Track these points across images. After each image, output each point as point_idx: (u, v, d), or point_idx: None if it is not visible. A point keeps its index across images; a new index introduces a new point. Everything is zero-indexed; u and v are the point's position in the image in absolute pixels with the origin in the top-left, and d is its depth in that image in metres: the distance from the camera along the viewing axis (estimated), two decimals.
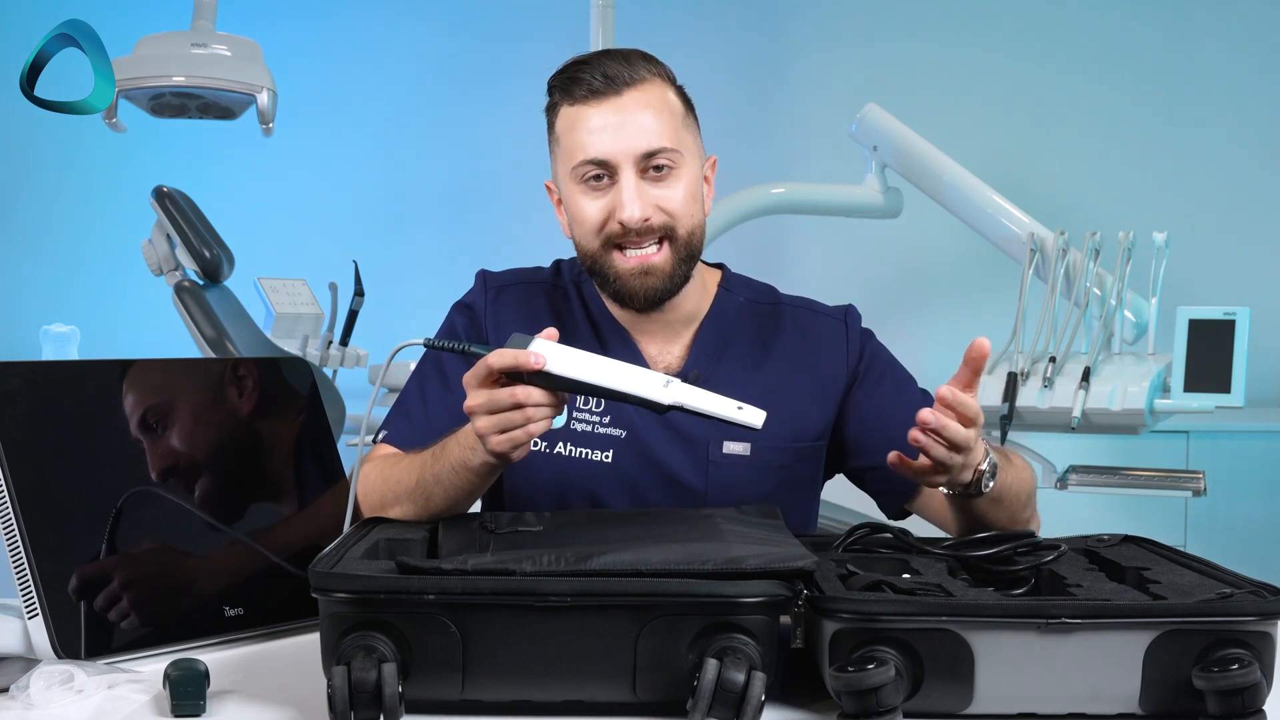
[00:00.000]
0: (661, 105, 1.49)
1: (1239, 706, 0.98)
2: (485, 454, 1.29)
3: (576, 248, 1.54)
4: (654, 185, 1.47)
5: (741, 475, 1.52)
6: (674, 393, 1.22)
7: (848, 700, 0.99)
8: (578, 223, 1.51)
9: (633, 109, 1.47)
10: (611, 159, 1.46)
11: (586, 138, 1.47)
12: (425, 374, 1.59)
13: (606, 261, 1.50)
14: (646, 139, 1.46)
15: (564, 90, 1.50)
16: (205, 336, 3.17)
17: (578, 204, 1.50)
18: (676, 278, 1.50)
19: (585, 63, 1.49)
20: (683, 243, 1.49)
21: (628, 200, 1.45)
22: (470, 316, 1.60)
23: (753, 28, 4.59)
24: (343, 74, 4.82)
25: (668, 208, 1.47)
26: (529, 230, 4.53)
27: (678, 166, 1.48)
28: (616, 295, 1.52)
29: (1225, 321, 2.56)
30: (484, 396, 1.24)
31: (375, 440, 1.57)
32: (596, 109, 1.47)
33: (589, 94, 1.47)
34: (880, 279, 4.47)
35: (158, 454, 1.29)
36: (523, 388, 1.22)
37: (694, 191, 1.50)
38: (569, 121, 1.49)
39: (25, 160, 4.80)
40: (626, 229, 1.46)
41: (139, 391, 1.30)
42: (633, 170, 1.46)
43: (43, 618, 1.15)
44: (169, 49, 3.12)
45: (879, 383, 1.59)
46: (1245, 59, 4.21)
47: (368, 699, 0.96)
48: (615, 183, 1.47)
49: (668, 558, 1.06)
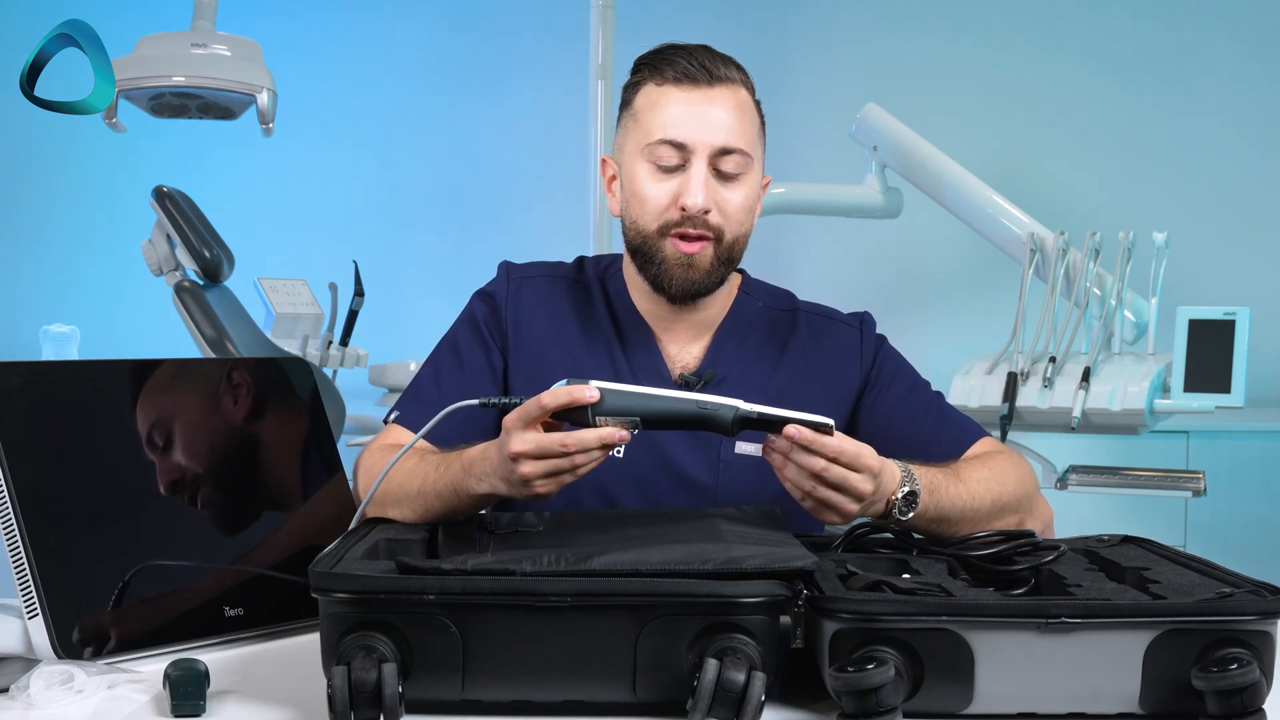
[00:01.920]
0: (745, 109, 1.51)
1: (1239, 706, 0.98)
2: (497, 486, 1.27)
3: (627, 226, 1.53)
4: (720, 184, 1.49)
5: (752, 476, 1.52)
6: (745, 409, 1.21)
7: (848, 700, 0.99)
8: (638, 200, 1.51)
9: (720, 102, 1.48)
10: (690, 144, 1.47)
11: (669, 118, 1.48)
12: (440, 357, 1.59)
13: (657, 246, 1.50)
14: (726, 135, 1.47)
15: (654, 69, 1.51)
16: (205, 336, 3.17)
17: (641, 182, 1.50)
18: (714, 277, 1.51)
19: (681, 48, 1.51)
20: (726, 247, 1.50)
21: (695, 188, 1.46)
22: (491, 305, 1.60)
23: (753, 28, 4.59)
24: (342, 74, 4.82)
25: (726, 210, 1.49)
26: (530, 230, 4.55)
27: (745, 173, 1.50)
28: (656, 280, 1.52)
29: (1225, 321, 2.55)
30: (532, 443, 1.20)
31: (386, 421, 1.56)
32: (684, 93, 1.48)
33: (681, 77, 1.48)
34: (880, 279, 4.48)
35: (164, 469, 1.30)
36: (573, 435, 1.18)
37: (751, 202, 1.52)
38: (652, 100, 1.50)
39: (25, 160, 4.80)
40: (685, 216, 1.47)
41: (146, 405, 1.30)
42: (706, 161, 1.47)
43: (43, 618, 1.15)
44: (169, 49, 3.12)
45: (890, 388, 1.59)
46: (1245, 58, 4.21)
47: (368, 699, 0.96)
48: (685, 170, 1.48)
49: (668, 558, 1.06)
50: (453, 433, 1.42)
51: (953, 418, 1.59)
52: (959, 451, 1.53)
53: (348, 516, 1.38)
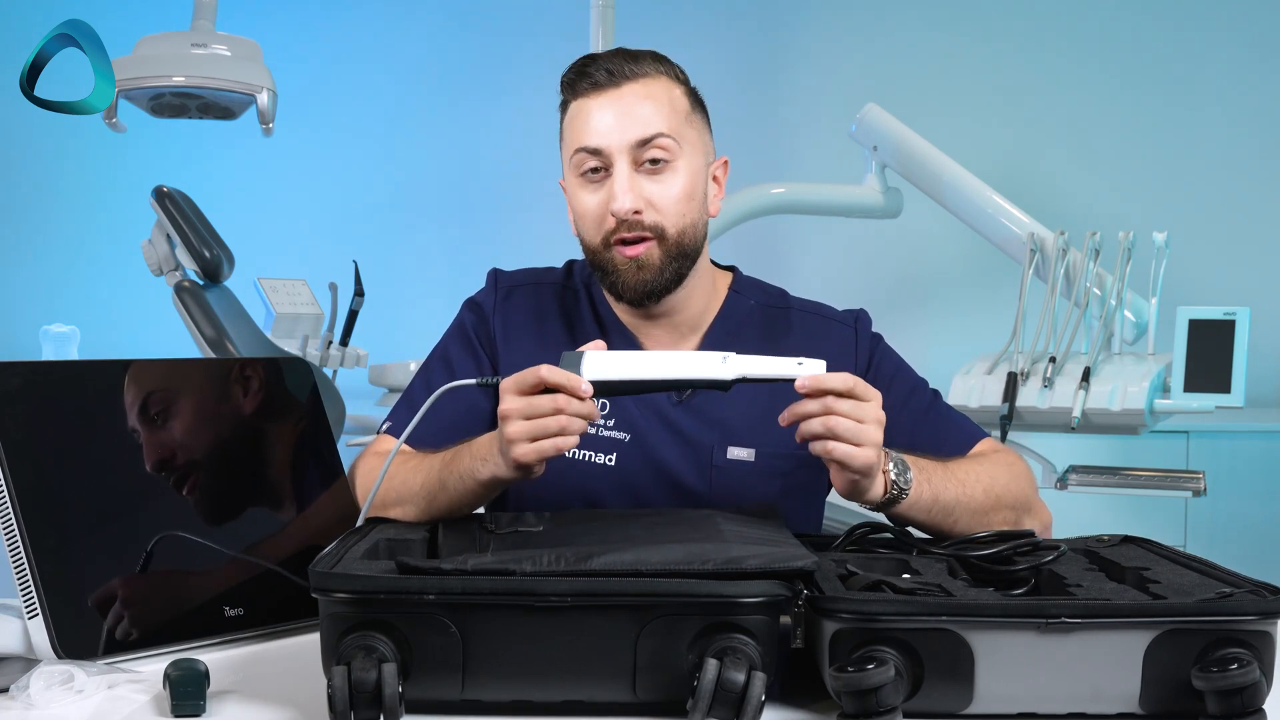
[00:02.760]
0: (662, 98, 1.49)
1: (1238, 706, 0.98)
2: (498, 466, 1.29)
3: (581, 244, 1.54)
4: (648, 179, 1.48)
5: (745, 480, 1.52)
6: (734, 366, 1.25)
7: (848, 700, 0.99)
8: (579, 217, 1.52)
9: (630, 99, 1.48)
10: (605, 148, 1.47)
11: (583, 128, 1.48)
12: (433, 368, 1.59)
13: (606, 257, 1.50)
14: (641, 127, 1.46)
15: (570, 86, 1.51)
16: (205, 337, 3.17)
17: (577, 198, 1.51)
18: (668, 274, 1.50)
19: (592, 58, 1.51)
20: (673, 242, 1.49)
21: (619, 191, 1.46)
22: (479, 315, 1.60)
23: (753, 28, 4.59)
24: (343, 74, 4.82)
25: (659, 204, 1.48)
26: (529, 230, 4.55)
27: (673, 160, 1.48)
28: (613, 289, 1.52)
29: (1225, 321, 2.55)
30: (523, 402, 1.23)
31: (379, 432, 1.57)
32: (596, 100, 1.48)
33: (591, 87, 1.49)
34: (880, 279, 4.48)
35: (154, 444, 1.29)
36: (564, 395, 1.23)
37: (690, 190, 1.50)
38: (571, 115, 1.51)
39: (25, 160, 4.80)
40: (619, 222, 1.47)
41: (140, 384, 1.30)
42: (627, 161, 1.47)
43: (43, 618, 1.15)
44: (169, 49, 3.12)
45: (887, 388, 1.57)
46: (1245, 58, 4.21)
47: (368, 699, 0.96)
48: (610, 175, 1.47)
49: (668, 558, 1.06)
50: (449, 435, 1.42)
51: (952, 421, 1.59)
52: (959, 455, 1.52)
53: (349, 518, 1.38)
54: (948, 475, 1.40)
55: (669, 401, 1.53)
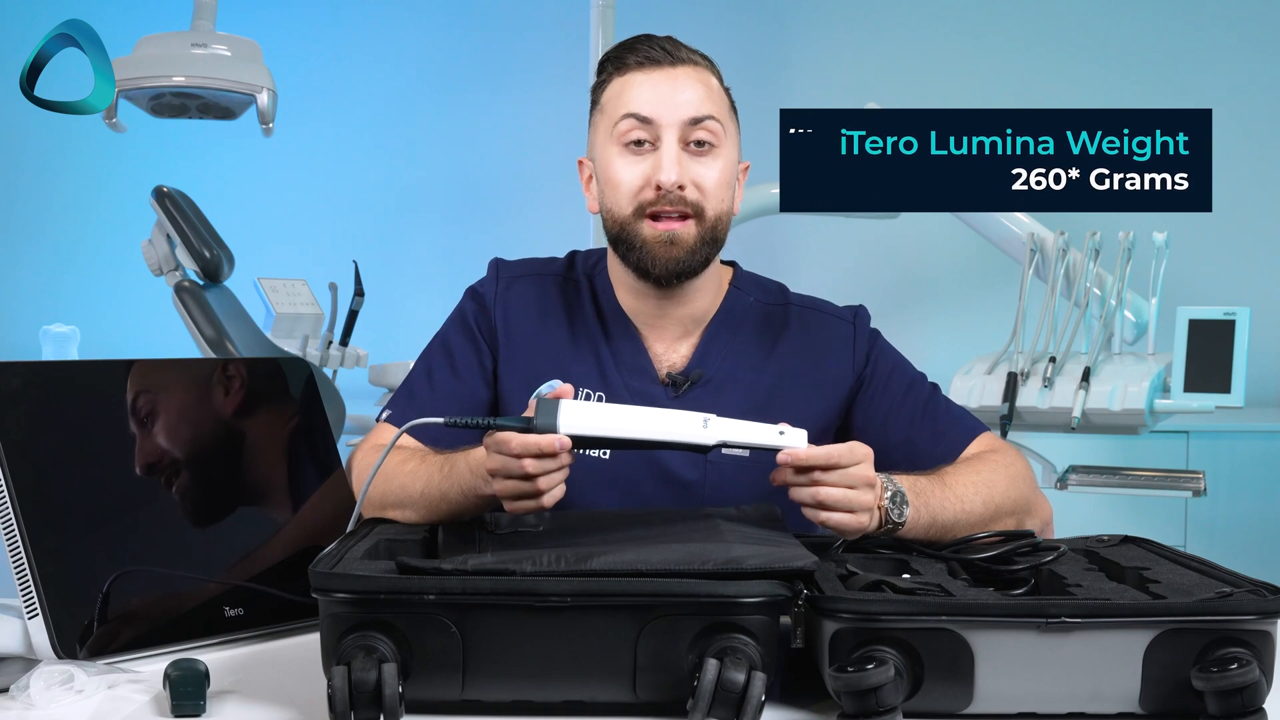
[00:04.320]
0: (711, 86, 1.51)
1: (1238, 706, 0.98)
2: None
3: (605, 217, 1.52)
4: (693, 159, 1.48)
5: (740, 476, 1.51)
6: (715, 431, 1.21)
7: (848, 700, 0.99)
8: (611, 187, 1.50)
9: (683, 79, 1.49)
10: (656, 119, 1.47)
11: (635, 97, 1.48)
12: (433, 357, 1.59)
13: (635, 229, 1.49)
14: (694, 107, 1.47)
15: (617, 62, 1.51)
16: (205, 336, 3.18)
17: (614, 167, 1.49)
18: (699, 255, 1.49)
19: (643, 38, 1.52)
20: (709, 224, 1.49)
21: (667, 164, 1.46)
22: (480, 304, 1.60)
23: (752, 27, 4.59)
24: (342, 74, 4.82)
25: (702, 184, 1.48)
26: (530, 230, 4.55)
27: (719, 146, 1.49)
28: (639, 265, 1.50)
29: (1225, 321, 2.56)
30: (499, 462, 1.22)
31: (378, 420, 1.56)
32: (648, 75, 1.49)
33: (643, 61, 1.49)
34: (880, 279, 4.48)
35: (141, 446, 1.29)
36: (534, 462, 1.19)
37: (728, 178, 1.51)
38: (617, 89, 1.50)
39: (25, 160, 4.80)
40: (661, 194, 1.46)
41: (136, 385, 1.30)
42: (675, 136, 1.47)
43: (43, 618, 1.15)
44: (169, 49, 3.13)
45: (885, 385, 1.58)
46: (1245, 57, 4.21)
47: (368, 699, 0.96)
48: (656, 149, 1.47)
49: (668, 558, 1.06)
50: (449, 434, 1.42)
51: (951, 416, 1.58)
52: (957, 451, 1.51)
53: (347, 516, 1.38)
54: (946, 493, 1.38)
55: (665, 396, 1.53)
